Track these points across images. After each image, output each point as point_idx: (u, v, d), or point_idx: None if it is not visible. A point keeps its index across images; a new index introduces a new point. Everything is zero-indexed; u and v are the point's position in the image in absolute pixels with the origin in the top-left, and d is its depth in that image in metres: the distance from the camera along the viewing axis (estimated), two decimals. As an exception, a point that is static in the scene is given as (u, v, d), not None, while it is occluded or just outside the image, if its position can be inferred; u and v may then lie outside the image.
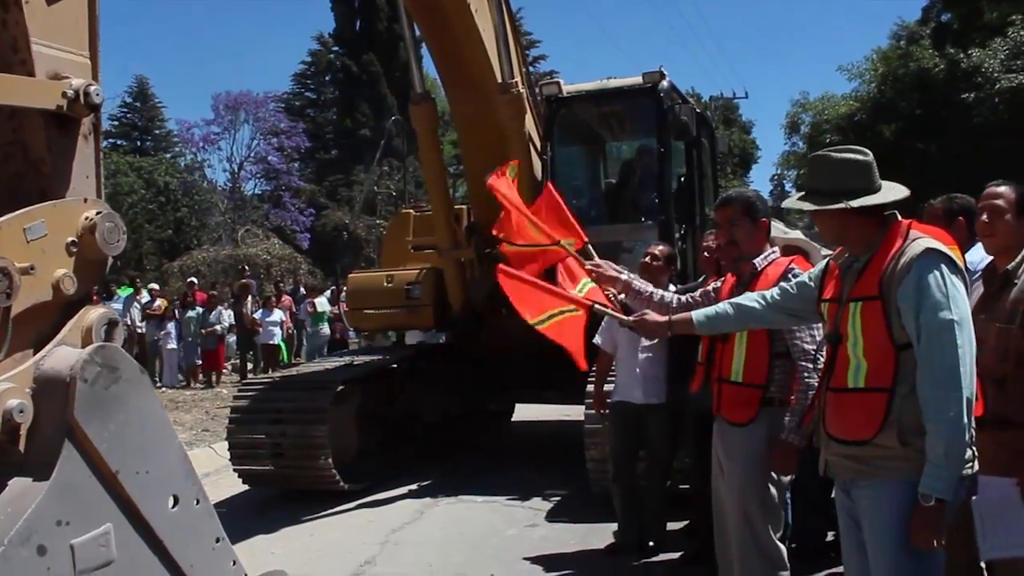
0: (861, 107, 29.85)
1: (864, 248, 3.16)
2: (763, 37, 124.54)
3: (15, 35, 2.34)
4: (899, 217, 3.17)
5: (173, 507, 2.40)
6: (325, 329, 18.85)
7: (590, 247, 5.05)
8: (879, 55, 31.10)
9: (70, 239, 2.36)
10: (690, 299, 4.60)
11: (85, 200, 2.45)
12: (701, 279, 5.87)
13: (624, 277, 4.59)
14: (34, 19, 2.34)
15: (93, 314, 2.40)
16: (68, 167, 2.46)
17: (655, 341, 5.69)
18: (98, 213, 2.42)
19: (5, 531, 2.00)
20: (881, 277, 3.04)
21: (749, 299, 3.73)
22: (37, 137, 2.41)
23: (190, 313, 18.28)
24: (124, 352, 2.36)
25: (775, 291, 3.68)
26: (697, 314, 3.79)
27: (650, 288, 4.62)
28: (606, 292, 4.66)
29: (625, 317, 4.06)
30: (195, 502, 2.47)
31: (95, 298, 2.54)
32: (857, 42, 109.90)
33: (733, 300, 3.77)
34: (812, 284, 3.49)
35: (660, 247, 6.46)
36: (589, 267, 4.62)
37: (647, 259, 6.28)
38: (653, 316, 3.94)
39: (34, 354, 2.27)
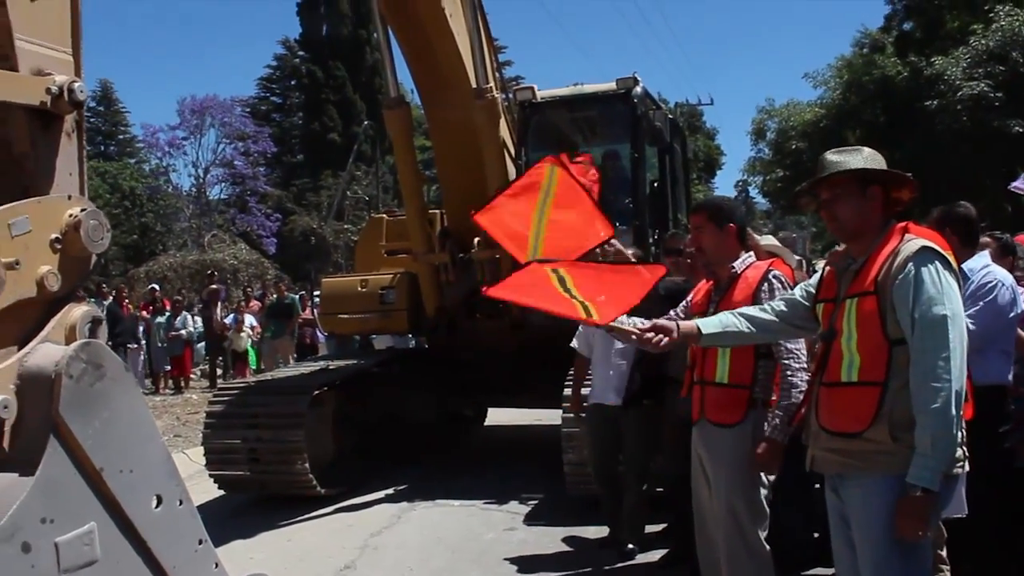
0: (826, 114, 30.15)
1: (865, 246, 3.23)
2: (729, 45, 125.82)
3: None
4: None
5: (156, 507, 2.39)
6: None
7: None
8: (843, 63, 31.44)
9: (54, 236, 2.34)
10: (672, 315, 4.64)
11: (69, 197, 2.44)
12: (683, 280, 5.89)
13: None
14: (17, 14, 2.33)
15: (77, 312, 2.39)
16: (52, 164, 2.44)
17: (628, 345, 5.69)
18: (83, 210, 2.40)
19: None
20: (878, 274, 3.11)
21: (754, 311, 3.73)
22: (20, 134, 2.39)
23: (158, 319, 18.14)
24: (109, 349, 2.35)
25: (780, 303, 3.70)
26: (704, 324, 3.70)
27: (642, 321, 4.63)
28: None
29: (634, 330, 4.04)
30: (178, 502, 2.45)
31: (81, 296, 2.54)
32: (821, 50, 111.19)
33: (740, 311, 3.75)
34: (813, 292, 3.54)
35: (630, 251, 6.54)
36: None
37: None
38: (663, 322, 3.92)
39: (18, 351, 2.26)
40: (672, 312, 4.71)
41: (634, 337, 3.64)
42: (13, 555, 2.02)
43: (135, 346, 17.64)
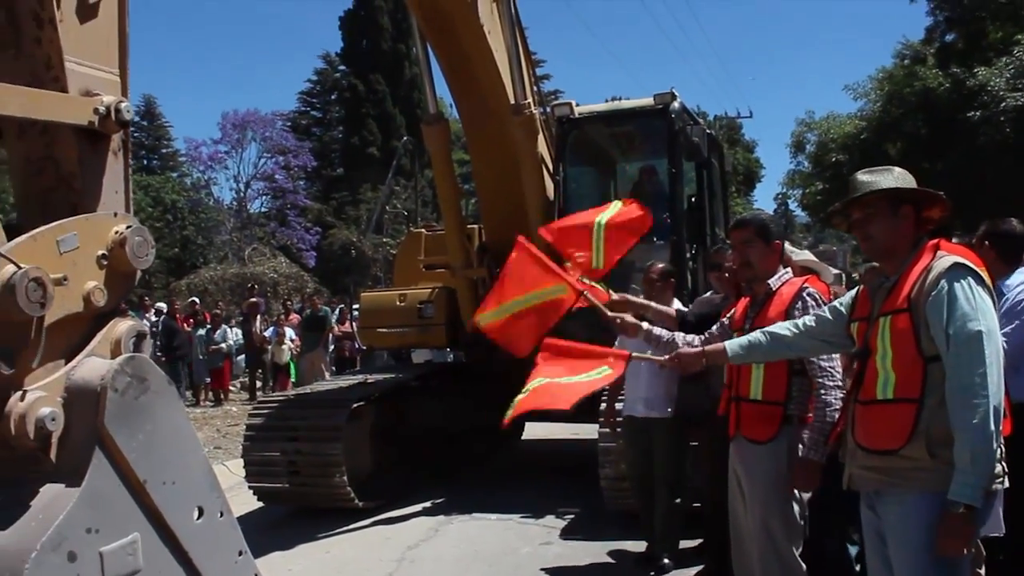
0: (867, 126, 29.85)
1: (897, 264, 3.24)
2: (768, 57, 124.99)
3: (49, 52, 2.41)
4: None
5: (198, 518, 2.44)
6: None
7: (588, 295, 4.68)
8: (884, 74, 31.15)
9: (101, 252, 2.41)
10: (708, 335, 4.66)
11: (115, 214, 2.50)
12: (720, 298, 5.92)
13: (645, 326, 4.68)
14: (67, 37, 2.41)
15: (122, 326, 2.46)
16: (98, 182, 2.52)
17: None
18: (128, 227, 2.47)
19: (37, 537, 2.05)
20: (911, 292, 3.12)
21: (782, 328, 3.79)
22: (69, 153, 2.47)
23: (199, 332, 18.35)
24: (153, 363, 2.41)
25: (809, 319, 3.75)
26: (731, 344, 3.86)
27: (669, 333, 4.70)
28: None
29: (661, 358, 4.13)
30: (219, 514, 2.51)
31: (125, 311, 2.60)
32: (862, 61, 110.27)
33: (766, 329, 3.82)
34: (845, 311, 3.56)
35: (659, 265, 6.56)
36: (611, 316, 4.65)
37: (652, 283, 6.39)
38: (686, 350, 4.01)
39: (65, 365, 2.32)
40: (712, 329, 4.74)
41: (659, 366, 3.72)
42: (59, 564, 2.07)
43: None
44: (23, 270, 2.11)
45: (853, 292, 3.60)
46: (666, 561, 6.24)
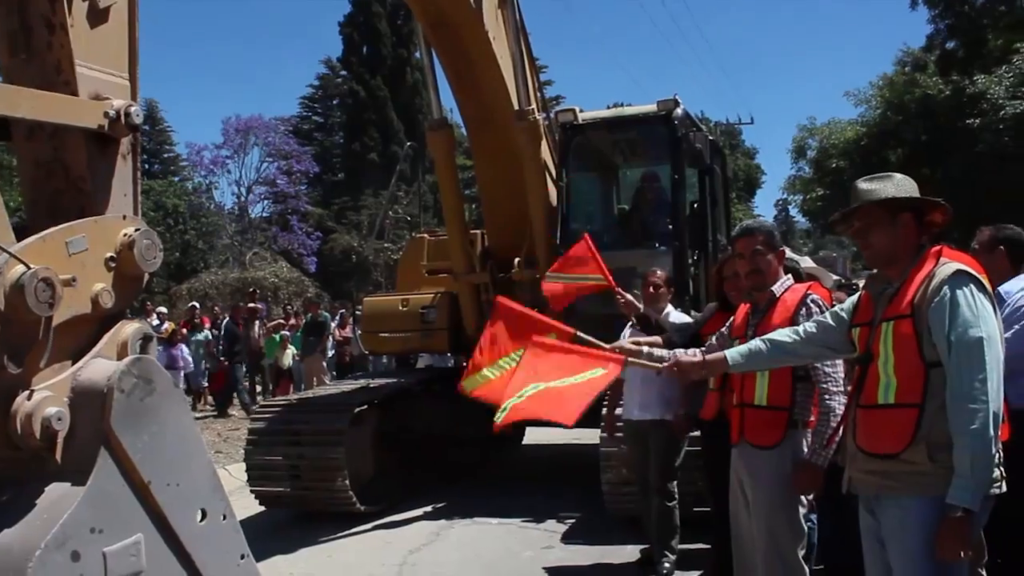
0: (867, 132, 29.90)
1: (900, 271, 3.26)
2: (770, 63, 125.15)
3: (59, 57, 2.42)
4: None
5: (201, 521, 2.44)
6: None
7: (582, 335, 4.55)
8: (885, 81, 31.20)
9: (109, 254, 2.41)
10: (708, 345, 4.67)
11: (124, 217, 2.51)
12: (713, 306, 5.96)
13: (646, 350, 4.67)
14: (78, 42, 2.42)
15: (129, 328, 2.46)
16: (108, 185, 2.53)
17: None
18: (136, 230, 2.47)
19: (42, 535, 2.05)
20: (913, 298, 3.14)
21: (783, 335, 3.79)
22: (78, 156, 2.48)
23: (198, 336, 18.33)
24: (159, 365, 2.41)
25: (810, 325, 3.75)
26: (731, 353, 3.84)
27: (669, 352, 4.65)
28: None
29: (659, 365, 4.10)
30: (222, 517, 2.50)
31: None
32: (863, 68, 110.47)
33: (766, 337, 3.81)
34: (846, 316, 3.57)
35: (658, 272, 6.57)
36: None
37: (651, 288, 6.40)
38: (686, 358, 4.00)
39: (71, 366, 2.33)
40: (712, 338, 4.75)
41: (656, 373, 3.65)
42: (63, 563, 2.07)
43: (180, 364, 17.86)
44: (33, 270, 2.12)
45: (855, 298, 3.61)
46: (667, 565, 6.24)
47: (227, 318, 18.27)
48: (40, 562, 2.02)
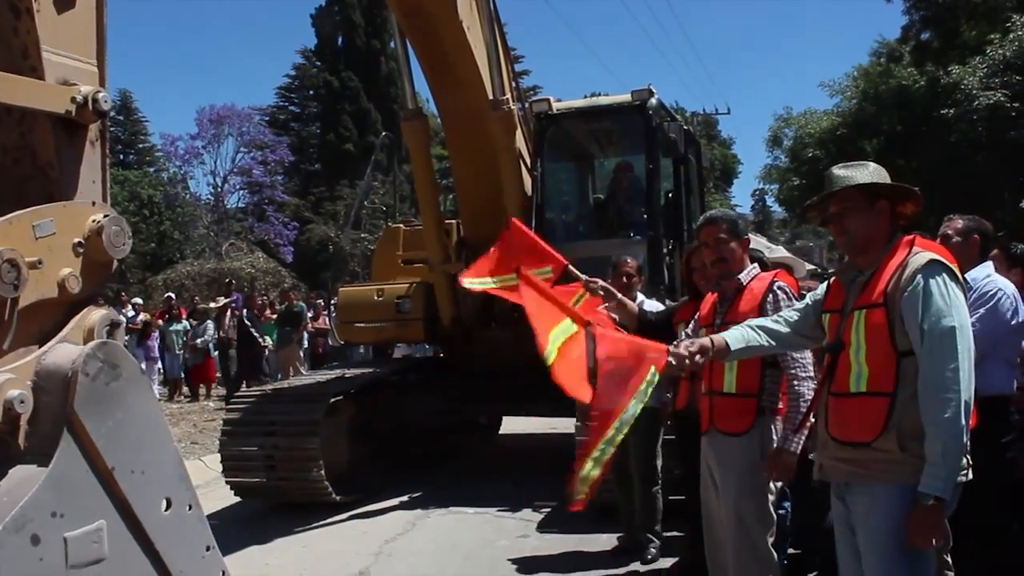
0: (843, 122, 30.06)
1: (872, 259, 3.28)
2: (746, 54, 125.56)
3: (26, 42, 2.38)
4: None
5: (166, 510, 2.39)
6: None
7: (572, 268, 5.15)
8: (860, 72, 31.37)
9: (77, 240, 2.38)
10: (685, 335, 4.69)
11: (93, 203, 2.49)
12: (685, 299, 5.98)
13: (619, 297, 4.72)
14: (44, 27, 2.39)
15: (96, 315, 2.42)
16: (76, 172, 2.50)
17: None
18: (105, 216, 2.44)
19: (1, 517, 2.01)
20: (886, 286, 3.16)
21: (771, 322, 3.76)
22: (46, 142, 2.45)
23: (175, 327, 18.23)
24: (125, 351, 2.37)
25: (791, 313, 3.74)
26: (733, 345, 3.63)
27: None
28: (604, 308, 4.79)
29: (630, 303, 4.10)
30: (188, 507, 2.46)
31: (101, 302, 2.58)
32: (839, 59, 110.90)
33: (756, 324, 3.77)
34: (815, 303, 3.59)
35: (629, 261, 6.56)
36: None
37: (623, 277, 6.34)
38: (686, 344, 3.90)
39: (37, 350, 2.29)
40: (686, 330, 4.78)
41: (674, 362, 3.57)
42: (22, 546, 2.03)
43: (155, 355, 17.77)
44: None
45: (824, 285, 3.63)
46: (652, 550, 6.28)
47: (244, 309, 17.78)
48: None
